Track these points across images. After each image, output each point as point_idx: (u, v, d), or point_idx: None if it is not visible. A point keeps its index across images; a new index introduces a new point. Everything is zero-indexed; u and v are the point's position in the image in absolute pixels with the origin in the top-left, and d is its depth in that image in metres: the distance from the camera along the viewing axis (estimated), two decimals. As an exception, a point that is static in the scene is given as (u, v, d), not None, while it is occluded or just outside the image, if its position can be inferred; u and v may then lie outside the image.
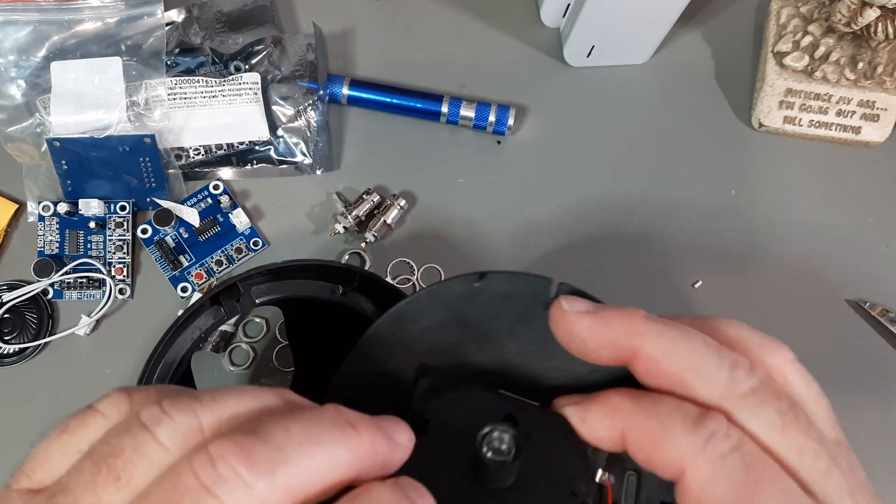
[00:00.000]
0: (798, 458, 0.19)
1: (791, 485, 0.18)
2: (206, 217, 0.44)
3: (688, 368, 0.20)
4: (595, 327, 0.21)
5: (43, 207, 0.42)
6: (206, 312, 0.35)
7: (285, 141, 0.45)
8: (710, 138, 0.49)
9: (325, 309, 0.36)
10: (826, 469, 0.19)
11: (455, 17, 0.50)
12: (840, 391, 0.44)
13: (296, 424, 0.18)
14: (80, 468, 0.18)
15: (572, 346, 0.22)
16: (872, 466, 0.43)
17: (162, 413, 0.18)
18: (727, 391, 0.19)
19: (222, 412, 0.19)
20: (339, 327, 0.34)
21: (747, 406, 0.19)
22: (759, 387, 0.19)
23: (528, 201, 0.46)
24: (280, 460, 0.17)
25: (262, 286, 0.36)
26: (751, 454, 0.18)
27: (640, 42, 0.48)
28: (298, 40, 0.46)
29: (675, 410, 0.19)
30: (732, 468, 0.18)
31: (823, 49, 0.46)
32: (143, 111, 0.43)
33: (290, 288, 0.36)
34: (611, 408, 0.21)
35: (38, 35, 0.43)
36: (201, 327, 0.35)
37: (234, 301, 0.35)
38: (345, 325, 0.33)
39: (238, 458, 0.17)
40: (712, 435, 0.18)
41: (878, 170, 0.49)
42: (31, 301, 0.42)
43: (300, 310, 0.38)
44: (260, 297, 0.35)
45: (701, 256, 0.46)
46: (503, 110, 0.46)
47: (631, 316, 0.21)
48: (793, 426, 0.19)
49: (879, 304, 0.46)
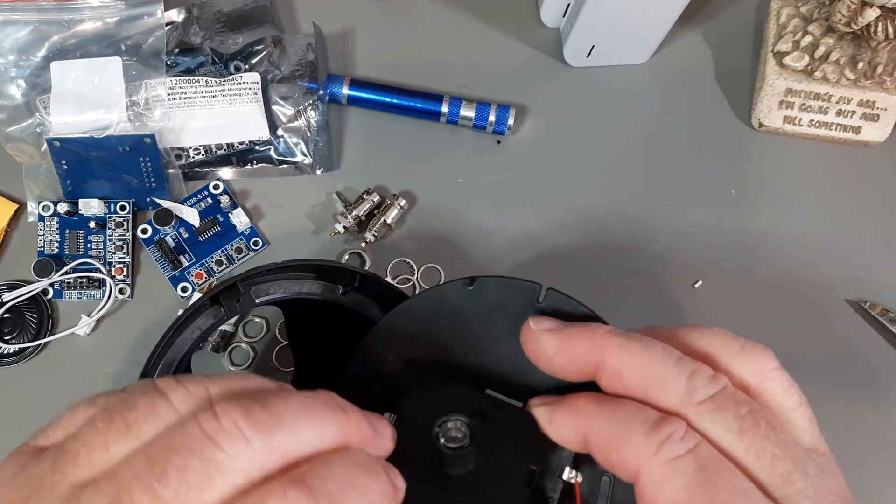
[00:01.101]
0: (756, 462, 0.19)
1: (747, 485, 0.19)
2: (206, 217, 0.44)
3: (649, 378, 0.21)
4: (560, 344, 0.22)
5: (43, 207, 0.43)
6: (205, 312, 0.35)
7: (285, 141, 0.45)
8: (710, 138, 0.49)
9: (326, 309, 0.36)
10: (787, 472, 0.19)
11: (455, 17, 0.50)
12: (840, 391, 0.44)
13: (293, 398, 0.20)
14: (93, 419, 0.19)
15: (540, 362, 0.23)
16: (872, 466, 0.43)
17: (176, 383, 0.20)
18: (686, 399, 0.20)
19: (230, 387, 0.20)
20: (339, 327, 0.34)
21: (706, 412, 0.20)
22: (717, 394, 0.20)
23: (527, 201, 0.46)
24: (277, 425, 0.19)
25: (262, 286, 0.36)
26: (705, 456, 0.19)
27: (640, 42, 0.48)
28: (298, 40, 0.46)
29: (634, 415, 0.20)
30: (685, 469, 0.19)
31: (823, 49, 0.46)
32: (143, 111, 0.43)
33: (289, 287, 0.36)
34: (576, 410, 0.22)
35: (38, 35, 0.43)
36: (201, 327, 0.35)
37: (234, 301, 0.35)
38: (345, 325, 0.33)
39: (240, 416, 0.18)
40: (668, 438, 0.19)
41: (878, 170, 0.49)
42: (31, 301, 0.42)
43: (300, 310, 0.37)
44: (260, 297, 0.35)
45: (701, 256, 0.46)
46: (503, 110, 0.46)
47: (594, 332, 0.22)
48: (751, 431, 0.20)
49: (879, 304, 0.46)
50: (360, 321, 0.34)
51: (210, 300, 0.34)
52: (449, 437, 0.23)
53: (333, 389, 0.21)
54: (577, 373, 0.22)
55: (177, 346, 0.34)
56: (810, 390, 0.44)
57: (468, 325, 0.26)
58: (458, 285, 0.27)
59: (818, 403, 0.44)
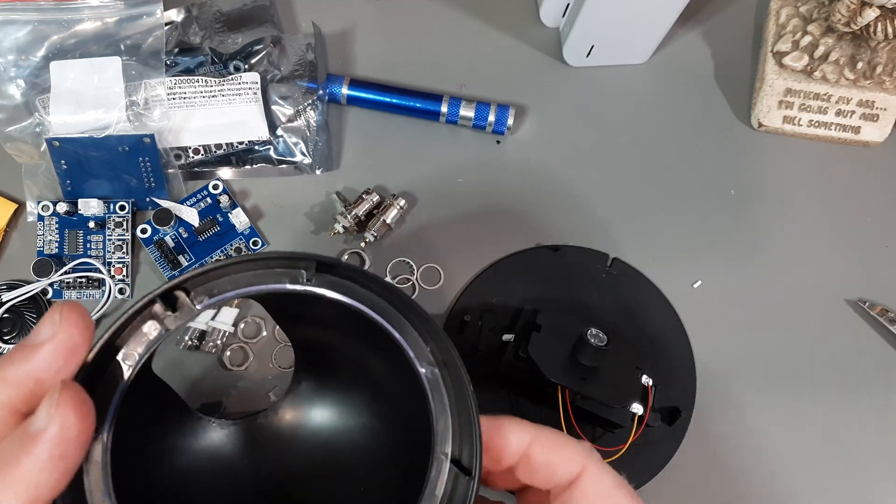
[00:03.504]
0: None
1: None
2: (205, 217, 0.44)
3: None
4: None
5: (42, 207, 0.42)
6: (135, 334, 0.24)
7: (285, 141, 0.45)
8: (710, 138, 0.49)
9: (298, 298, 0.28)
10: None
11: (455, 17, 0.50)
12: (840, 391, 0.44)
13: None
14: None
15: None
16: (872, 466, 0.43)
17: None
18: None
19: None
20: (311, 312, 0.31)
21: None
22: None
23: (527, 201, 0.46)
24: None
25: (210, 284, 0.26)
26: None
27: (639, 42, 0.48)
28: (298, 40, 0.46)
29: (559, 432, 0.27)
30: (609, 469, 0.25)
31: (823, 49, 0.46)
32: (142, 111, 0.43)
33: (242, 283, 0.26)
34: (521, 424, 0.26)
35: (37, 35, 0.43)
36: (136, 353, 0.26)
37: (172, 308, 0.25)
38: (315, 309, 0.29)
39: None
40: (591, 449, 0.26)
41: (877, 170, 0.49)
42: (30, 301, 0.42)
43: (276, 302, 0.34)
44: (204, 301, 0.26)
45: (701, 256, 0.46)
46: (502, 110, 0.46)
47: None
48: None
49: (879, 304, 0.46)
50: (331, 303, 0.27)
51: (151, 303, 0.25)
52: (597, 338, 0.36)
53: None
54: None
55: None
56: (810, 390, 0.44)
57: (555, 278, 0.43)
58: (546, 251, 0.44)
59: (818, 403, 0.44)
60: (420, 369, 0.24)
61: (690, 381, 0.43)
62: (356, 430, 0.34)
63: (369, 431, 0.33)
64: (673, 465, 0.42)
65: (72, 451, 0.19)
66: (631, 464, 0.40)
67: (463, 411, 0.24)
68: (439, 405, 0.24)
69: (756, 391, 0.44)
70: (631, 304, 0.44)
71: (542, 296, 0.44)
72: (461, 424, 0.24)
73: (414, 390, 0.25)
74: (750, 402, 0.43)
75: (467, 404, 0.24)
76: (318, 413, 0.35)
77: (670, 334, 0.44)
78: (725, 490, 0.42)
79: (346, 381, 0.34)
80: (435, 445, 0.24)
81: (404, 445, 0.30)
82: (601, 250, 0.45)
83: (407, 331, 0.25)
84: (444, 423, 0.24)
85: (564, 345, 0.37)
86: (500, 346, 0.41)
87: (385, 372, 0.30)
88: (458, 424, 0.24)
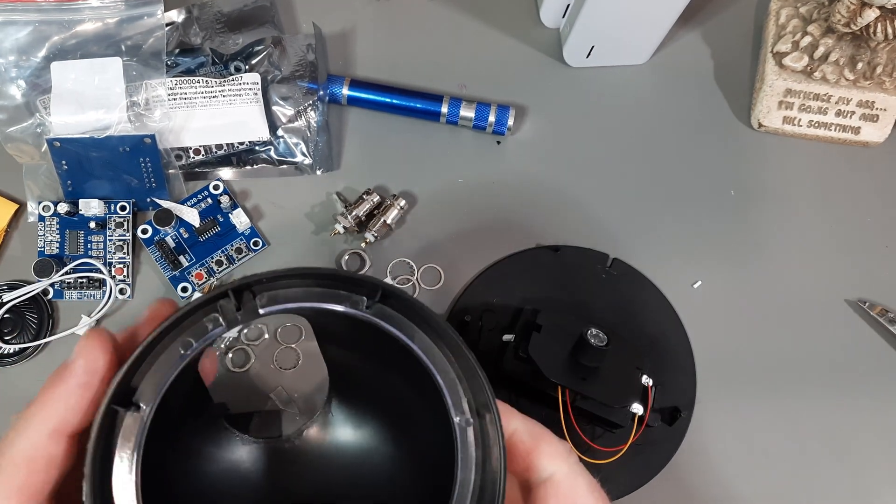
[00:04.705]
0: None
1: None
2: (206, 217, 0.44)
3: None
4: None
5: (43, 207, 0.43)
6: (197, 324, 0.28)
7: (285, 141, 0.45)
8: (710, 138, 0.49)
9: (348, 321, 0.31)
10: None
11: (455, 17, 0.50)
12: (840, 391, 0.44)
13: None
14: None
15: None
16: (872, 466, 0.43)
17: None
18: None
19: None
20: (361, 338, 0.32)
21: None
22: None
23: (527, 201, 0.46)
24: None
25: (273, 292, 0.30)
26: None
27: (639, 42, 0.48)
28: (298, 40, 0.46)
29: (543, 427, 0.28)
30: (585, 471, 0.26)
31: (823, 49, 0.46)
32: (143, 111, 0.43)
33: (303, 297, 0.30)
34: (510, 411, 0.27)
35: (38, 35, 0.43)
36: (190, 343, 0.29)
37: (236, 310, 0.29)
38: (366, 336, 0.30)
39: None
40: (572, 450, 0.27)
41: (877, 170, 0.49)
42: (31, 301, 0.42)
43: (322, 318, 0.34)
44: (267, 307, 0.29)
45: (701, 256, 0.46)
46: (503, 110, 0.46)
47: None
48: None
49: (879, 304, 0.46)
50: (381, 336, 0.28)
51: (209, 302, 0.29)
52: (597, 338, 0.36)
53: None
54: None
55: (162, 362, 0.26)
56: (810, 390, 0.44)
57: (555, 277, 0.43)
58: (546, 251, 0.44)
59: (818, 403, 0.44)
60: (454, 418, 0.24)
61: (690, 381, 0.43)
62: (385, 457, 0.33)
63: (399, 462, 0.33)
64: (673, 465, 0.42)
65: (95, 382, 0.22)
66: (631, 464, 0.40)
67: (488, 470, 0.24)
68: (465, 459, 0.24)
69: (756, 391, 0.44)
70: (631, 304, 0.44)
71: (543, 296, 0.44)
72: (483, 480, 0.24)
73: (445, 434, 0.24)
74: (750, 402, 0.44)
75: (499, 462, 0.23)
76: (347, 437, 0.35)
77: (670, 334, 0.44)
78: (725, 490, 0.42)
79: (378, 411, 0.34)
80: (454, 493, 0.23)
81: (429, 476, 0.29)
82: (601, 251, 0.45)
83: (448, 375, 0.24)
84: (466, 476, 0.24)
85: (564, 345, 0.37)
86: (500, 346, 0.41)
87: (419, 409, 0.30)
88: (481, 478, 0.24)
